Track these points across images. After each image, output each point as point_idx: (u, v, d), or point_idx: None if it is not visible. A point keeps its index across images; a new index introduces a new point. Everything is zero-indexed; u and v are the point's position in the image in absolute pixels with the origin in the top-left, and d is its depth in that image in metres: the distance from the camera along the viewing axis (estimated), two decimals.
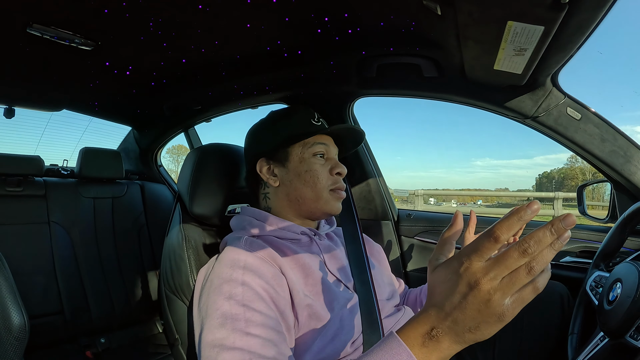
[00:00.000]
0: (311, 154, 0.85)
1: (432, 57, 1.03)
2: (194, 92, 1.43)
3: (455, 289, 0.40)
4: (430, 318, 0.43)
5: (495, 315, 0.38)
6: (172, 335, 0.91)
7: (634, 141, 1.01)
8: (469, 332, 0.40)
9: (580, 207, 1.25)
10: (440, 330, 0.42)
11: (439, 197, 18.45)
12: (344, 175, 0.87)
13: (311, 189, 0.83)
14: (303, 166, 0.84)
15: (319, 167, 0.84)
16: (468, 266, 0.39)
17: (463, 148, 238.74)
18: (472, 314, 0.39)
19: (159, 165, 2.23)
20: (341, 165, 0.87)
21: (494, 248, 0.38)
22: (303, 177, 0.83)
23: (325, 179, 0.84)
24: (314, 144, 0.85)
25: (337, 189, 0.85)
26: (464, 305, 0.39)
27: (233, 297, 0.63)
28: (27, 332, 0.87)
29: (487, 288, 0.38)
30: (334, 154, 0.90)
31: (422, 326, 0.43)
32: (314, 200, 0.83)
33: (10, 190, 1.67)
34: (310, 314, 0.69)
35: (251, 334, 0.59)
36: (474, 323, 0.39)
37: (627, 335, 0.68)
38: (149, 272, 1.94)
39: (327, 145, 0.87)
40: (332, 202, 0.85)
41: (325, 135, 0.88)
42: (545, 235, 0.36)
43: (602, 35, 36.46)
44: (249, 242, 0.74)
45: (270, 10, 0.86)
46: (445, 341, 0.42)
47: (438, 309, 0.42)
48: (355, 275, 0.81)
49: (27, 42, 0.99)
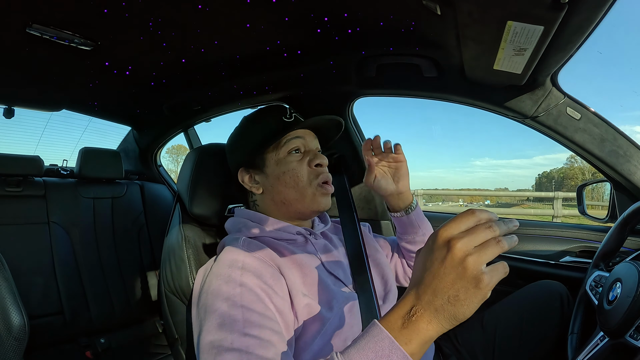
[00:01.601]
0: (286, 153, 0.82)
1: (431, 57, 1.03)
2: (193, 92, 1.43)
3: (432, 256, 0.44)
4: (410, 298, 0.46)
5: (472, 279, 0.42)
6: (171, 335, 0.91)
7: (634, 141, 1.02)
8: (448, 304, 0.42)
9: (580, 207, 1.25)
10: (419, 307, 0.44)
11: (439, 197, 18.46)
12: (325, 165, 0.83)
13: (293, 189, 0.81)
14: (280, 168, 0.81)
15: (296, 164, 0.81)
16: (444, 234, 0.44)
17: (462, 148, 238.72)
18: (451, 279, 0.42)
19: (158, 165, 2.23)
20: (320, 156, 0.83)
21: (469, 219, 0.45)
22: (283, 179, 0.81)
23: (306, 174, 0.81)
24: (287, 142, 0.82)
25: (322, 182, 0.82)
26: (442, 271, 0.43)
27: (231, 298, 0.63)
28: (27, 332, 0.87)
29: (463, 250, 0.42)
30: (314, 145, 0.86)
31: (402, 308, 0.46)
32: (299, 200, 0.81)
33: (10, 190, 1.67)
34: (310, 313, 0.69)
35: (249, 334, 0.59)
36: (453, 291, 0.42)
37: (627, 335, 0.68)
38: (149, 272, 1.94)
39: (302, 138, 0.83)
40: (319, 198, 0.82)
41: (302, 128, 0.85)
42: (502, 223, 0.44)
43: (602, 35, 36.46)
44: (247, 242, 0.74)
45: (269, 10, 0.86)
46: (424, 320, 0.44)
47: (417, 285, 0.45)
48: (355, 273, 0.81)
49: (27, 42, 0.99)
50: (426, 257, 0.45)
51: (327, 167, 0.85)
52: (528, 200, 28.29)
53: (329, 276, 0.78)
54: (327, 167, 0.85)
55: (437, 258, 0.44)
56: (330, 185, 0.84)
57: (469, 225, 0.44)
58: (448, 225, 0.45)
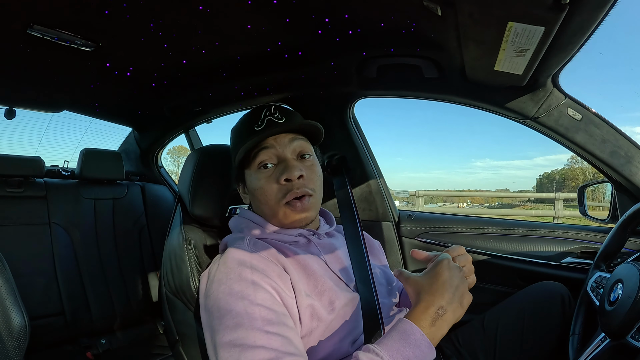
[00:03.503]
0: (256, 168, 0.78)
1: (432, 58, 1.03)
2: (194, 93, 1.43)
3: (450, 272, 0.62)
4: (434, 300, 0.59)
5: (464, 284, 0.63)
6: (172, 336, 0.91)
7: (635, 142, 1.01)
8: (459, 306, 0.61)
9: (581, 208, 1.25)
10: (447, 307, 0.59)
11: (440, 198, 18.43)
12: (294, 178, 0.75)
13: (266, 206, 0.78)
14: (253, 184, 0.79)
15: (264, 182, 0.77)
16: (447, 262, 0.64)
17: (463, 149, 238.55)
18: (458, 284, 0.62)
19: (159, 166, 2.23)
20: (289, 168, 0.74)
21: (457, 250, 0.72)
22: (257, 196, 0.79)
23: (275, 192, 0.76)
24: (255, 156, 0.77)
25: (292, 200, 0.75)
26: (456, 281, 0.62)
27: (246, 297, 0.64)
28: (28, 333, 0.87)
29: (457, 269, 0.64)
30: (289, 152, 0.78)
31: (429, 308, 0.59)
32: (273, 216, 0.79)
33: (11, 191, 1.67)
34: (312, 314, 0.70)
35: (270, 332, 0.60)
36: (459, 293, 0.61)
37: (628, 336, 0.68)
38: (150, 273, 1.94)
39: (269, 149, 0.76)
40: (291, 215, 0.77)
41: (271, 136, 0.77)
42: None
43: (603, 35, 36.45)
44: (253, 242, 0.75)
45: (270, 11, 0.86)
46: (448, 318, 0.59)
47: (436, 291, 0.60)
48: (357, 274, 0.81)
49: (28, 43, 0.99)
50: (435, 273, 0.62)
51: (302, 179, 0.76)
52: (529, 201, 28.26)
53: (332, 277, 0.78)
54: (301, 178, 0.76)
55: (455, 274, 0.63)
56: (302, 201, 0.76)
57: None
58: (446, 259, 0.65)
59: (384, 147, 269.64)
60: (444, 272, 0.62)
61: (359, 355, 0.57)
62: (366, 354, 0.57)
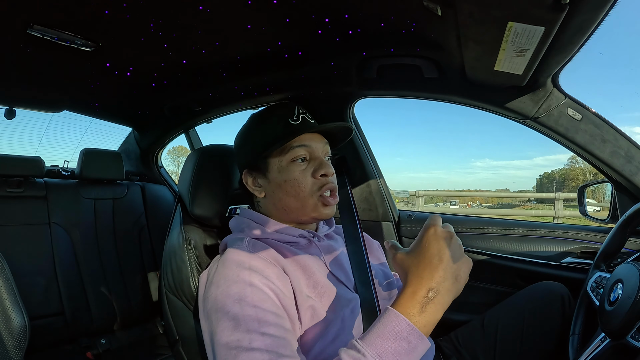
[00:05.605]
0: (289, 160, 0.79)
1: (432, 58, 1.03)
2: (194, 93, 1.43)
3: (438, 244, 0.56)
4: (422, 282, 0.53)
5: (465, 258, 0.57)
6: (172, 336, 0.91)
7: (635, 141, 1.01)
8: (455, 282, 0.55)
9: (581, 208, 1.25)
10: (437, 288, 0.53)
11: (440, 198, 18.44)
12: (330, 175, 0.80)
13: (295, 198, 0.79)
14: (282, 176, 0.79)
15: (299, 174, 0.78)
16: (433, 231, 0.57)
17: (463, 149, 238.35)
18: (450, 256, 0.55)
19: (159, 166, 2.23)
20: (326, 165, 0.79)
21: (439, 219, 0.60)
22: (284, 187, 0.79)
23: (310, 185, 0.78)
24: (291, 149, 0.78)
25: (325, 194, 0.79)
26: (447, 255, 0.55)
27: (243, 299, 0.63)
28: (28, 333, 0.87)
29: (457, 238, 0.58)
30: (321, 151, 0.82)
31: (417, 293, 0.53)
32: (300, 208, 0.79)
33: (11, 191, 1.67)
34: (312, 315, 0.70)
35: (267, 333, 0.60)
36: (454, 270, 0.55)
37: (628, 336, 0.68)
38: (150, 273, 1.94)
39: (308, 147, 0.79)
40: (320, 209, 0.79)
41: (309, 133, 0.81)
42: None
43: (603, 35, 36.42)
44: (252, 243, 0.75)
45: (270, 11, 0.86)
46: (443, 297, 0.53)
47: (423, 271, 0.54)
48: (356, 276, 0.81)
49: (28, 43, 0.99)
50: (425, 246, 0.56)
51: (333, 177, 0.82)
52: (529, 201, 28.27)
53: (332, 278, 0.78)
54: (333, 176, 0.81)
55: (443, 245, 0.55)
56: (335, 197, 0.81)
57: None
58: (436, 224, 0.58)
59: (384, 147, 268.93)
60: (430, 245, 0.55)
61: (341, 354, 0.53)
62: (349, 351, 0.53)
